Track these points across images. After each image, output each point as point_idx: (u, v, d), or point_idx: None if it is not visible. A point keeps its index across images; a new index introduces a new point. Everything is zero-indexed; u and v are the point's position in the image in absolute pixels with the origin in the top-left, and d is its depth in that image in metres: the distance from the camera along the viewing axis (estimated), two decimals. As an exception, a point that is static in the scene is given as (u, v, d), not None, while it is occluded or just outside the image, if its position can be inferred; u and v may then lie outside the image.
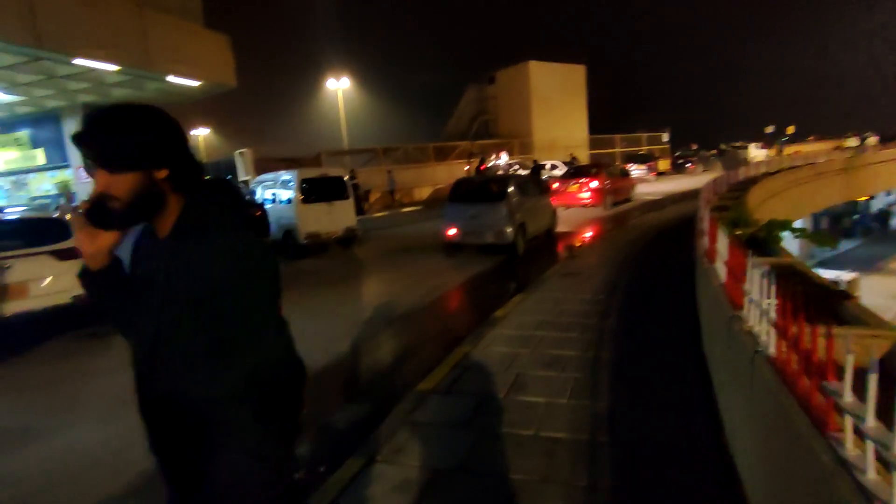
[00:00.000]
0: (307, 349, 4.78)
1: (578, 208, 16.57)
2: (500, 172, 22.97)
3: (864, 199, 34.21)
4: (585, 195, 16.46)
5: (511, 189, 9.87)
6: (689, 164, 33.29)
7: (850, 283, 18.66)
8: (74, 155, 18.26)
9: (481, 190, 10.45)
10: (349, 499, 2.59)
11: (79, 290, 5.95)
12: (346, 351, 5.15)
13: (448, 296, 7.10)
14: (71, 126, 18.04)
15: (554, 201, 13.67)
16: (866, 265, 26.03)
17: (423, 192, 24.88)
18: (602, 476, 2.59)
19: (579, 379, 3.77)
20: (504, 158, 24.89)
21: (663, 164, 33.13)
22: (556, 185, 17.13)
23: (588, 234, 12.28)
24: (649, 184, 24.95)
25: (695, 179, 23.88)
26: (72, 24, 11.92)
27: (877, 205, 36.65)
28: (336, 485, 2.72)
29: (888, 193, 35.91)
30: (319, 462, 3.19)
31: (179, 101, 19.62)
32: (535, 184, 11.80)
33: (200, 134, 45.15)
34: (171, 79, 15.12)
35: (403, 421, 3.34)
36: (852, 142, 36.74)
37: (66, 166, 18.89)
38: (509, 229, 9.41)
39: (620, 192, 18.05)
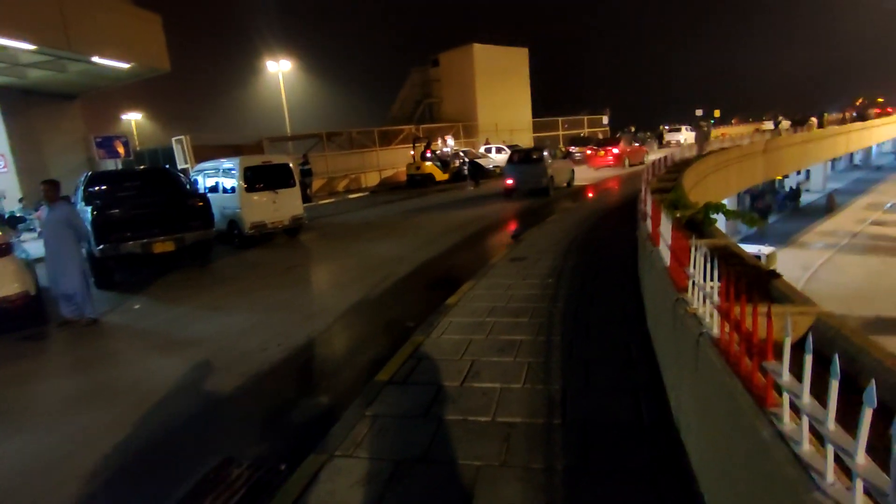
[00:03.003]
0: (259, 344, 4.67)
1: (604, 168, 23.07)
2: (446, 158, 22.98)
3: (779, 178, 37.01)
4: (609, 159, 23.15)
5: (545, 154, 16.12)
6: None
7: (769, 256, 20.21)
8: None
9: (527, 156, 16.48)
10: (312, 496, 2.56)
11: (7, 292, 5.53)
12: (300, 344, 5.04)
13: (400, 283, 7.08)
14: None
15: (588, 163, 23.77)
16: (782, 239, 28.27)
17: (370, 179, 24.46)
18: (557, 458, 2.69)
19: (532, 363, 3.89)
20: (451, 143, 24.80)
21: None
22: (589, 152, 24.65)
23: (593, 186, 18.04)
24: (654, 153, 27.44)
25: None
26: (-22, -1, 10.76)
27: (789, 183, 39.75)
28: (298, 482, 2.68)
29: (798, 173, 39.07)
30: (279, 460, 3.14)
31: (107, 84, 18.18)
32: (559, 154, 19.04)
33: (132, 119, 42.15)
34: (96, 60, 13.93)
35: (362, 414, 3.33)
36: (769, 125, 39.43)
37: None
38: (544, 180, 15.52)
39: (635, 157, 24.02)
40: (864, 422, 1.00)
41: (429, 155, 22.38)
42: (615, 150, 23.02)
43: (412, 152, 23.55)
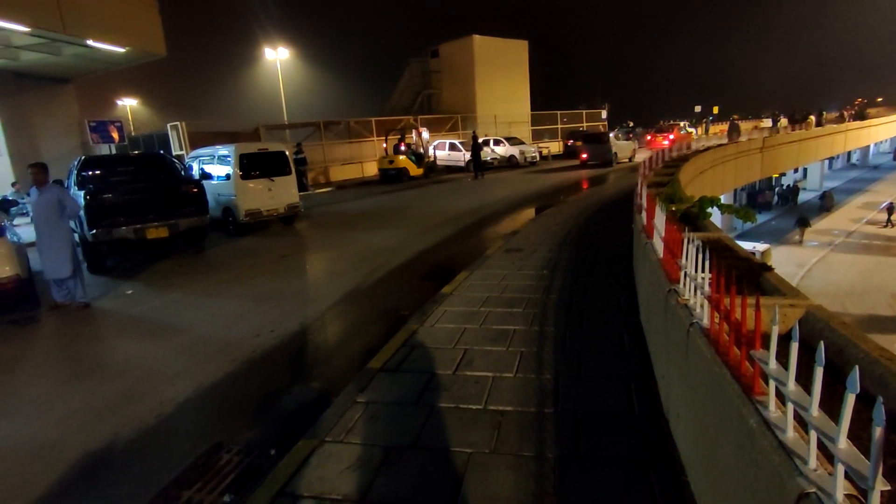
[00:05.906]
0: (252, 330, 4.64)
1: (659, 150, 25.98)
2: (421, 150, 22.19)
3: (776, 175, 37.12)
4: (665, 143, 27.43)
5: (611, 136, 22.79)
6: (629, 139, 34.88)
7: (764, 253, 20.31)
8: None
9: (597, 137, 22.90)
10: (302, 481, 2.57)
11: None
12: (293, 331, 5.05)
13: (396, 273, 7.07)
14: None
15: (647, 146, 30.38)
16: (778, 236, 28.42)
17: (368, 168, 24.20)
18: (548, 446, 2.71)
19: (525, 353, 3.90)
20: (426, 136, 24.04)
21: None
22: (649, 137, 33.97)
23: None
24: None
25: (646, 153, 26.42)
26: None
27: (786, 181, 39.86)
28: (288, 467, 2.68)
29: (795, 171, 39.20)
30: (269, 445, 3.14)
31: (102, 68, 17.91)
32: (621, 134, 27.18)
33: (127, 104, 41.84)
34: (91, 44, 13.74)
35: (354, 400, 3.34)
36: (767, 122, 39.45)
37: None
38: (609, 155, 21.76)
39: (685, 141, 29.73)
40: (847, 407, 1.00)
41: (402, 148, 21.60)
42: (671, 136, 30.66)
43: (384, 145, 22.15)
